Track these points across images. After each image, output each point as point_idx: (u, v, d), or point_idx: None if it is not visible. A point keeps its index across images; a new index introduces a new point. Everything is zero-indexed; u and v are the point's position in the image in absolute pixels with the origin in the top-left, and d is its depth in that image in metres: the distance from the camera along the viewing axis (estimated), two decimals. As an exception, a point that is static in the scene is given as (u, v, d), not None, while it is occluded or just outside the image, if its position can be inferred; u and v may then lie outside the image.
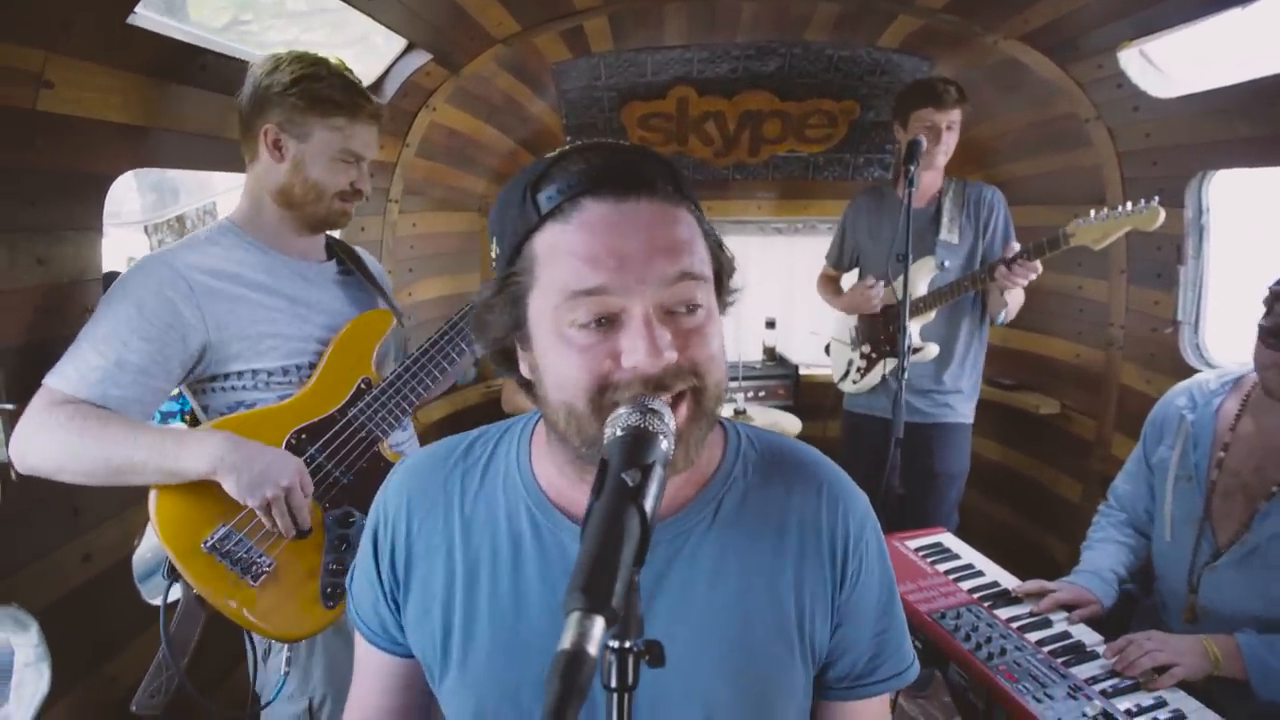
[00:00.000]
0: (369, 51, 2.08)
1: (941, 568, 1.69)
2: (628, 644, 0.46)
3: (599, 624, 0.42)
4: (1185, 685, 1.28)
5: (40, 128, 1.06)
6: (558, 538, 0.71)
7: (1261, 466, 1.41)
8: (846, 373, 2.47)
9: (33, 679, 1.20)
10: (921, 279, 2.22)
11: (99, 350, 1.08)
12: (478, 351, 1.45)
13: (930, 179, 2.24)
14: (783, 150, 2.98)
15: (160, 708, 1.14)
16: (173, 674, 1.12)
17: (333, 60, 1.29)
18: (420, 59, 2.07)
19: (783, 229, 3.28)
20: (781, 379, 3.08)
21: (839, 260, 2.50)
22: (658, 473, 0.52)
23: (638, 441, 0.54)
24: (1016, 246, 1.99)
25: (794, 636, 0.72)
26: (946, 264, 2.20)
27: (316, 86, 1.23)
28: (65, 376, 1.07)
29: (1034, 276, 1.97)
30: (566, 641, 0.41)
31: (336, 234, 1.51)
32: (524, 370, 0.70)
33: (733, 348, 3.43)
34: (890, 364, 2.31)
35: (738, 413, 2.46)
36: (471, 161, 2.80)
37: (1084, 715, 1.21)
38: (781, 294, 3.29)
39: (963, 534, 1.83)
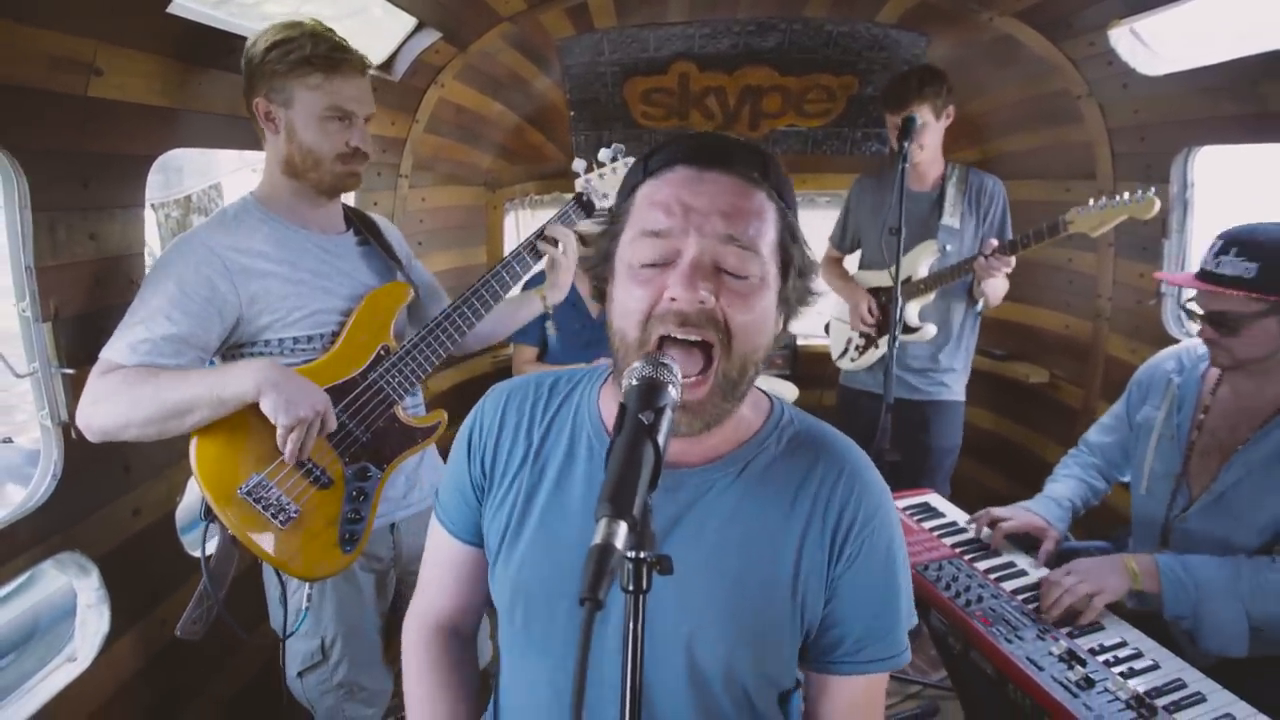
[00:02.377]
0: (369, 24, 2.14)
1: (927, 525, 1.80)
2: (642, 555, 0.57)
3: (623, 526, 0.53)
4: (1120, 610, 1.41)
5: (91, 112, 1.15)
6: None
7: (1235, 426, 1.51)
8: (845, 350, 2.56)
9: (95, 619, 1.32)
10: (923, 261, 2.29)
11: (146, 325, 1.18)
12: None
13: (933, 163, 2.29)
14: (783, 125, 3.03)
15: (200, 633, 1.28)
16: (212, 604, 1.25)
17: (308, 22, 1.30)
18: (429, 37, 2.12)
19: (782, 203, 3.34)
20: (780, 349, 3.17)
21: (841, 241, 2.57)
22: (667, 415, 0.62)
23: (651, 389, 0.64)
24: (994, 243, 2.07)
25: (787, 593, 0.80)
26: (948, 248, 2.27)
27: (289, 48, 1.25)
28: (117, 349, 1.17)
29: (1008, 270, 2.08)
30: (598, 538, 0.51)
31: (352, 203, 1.58)
32: (606, 305, 0.82)
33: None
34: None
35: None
36: (478, 137, 2.85)
37: (1050, 654, 1.32)
38: (781, 267, 3.37)
39: (955, 500, 1.92)
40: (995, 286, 2.21)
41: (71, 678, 1.25)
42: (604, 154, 1.74)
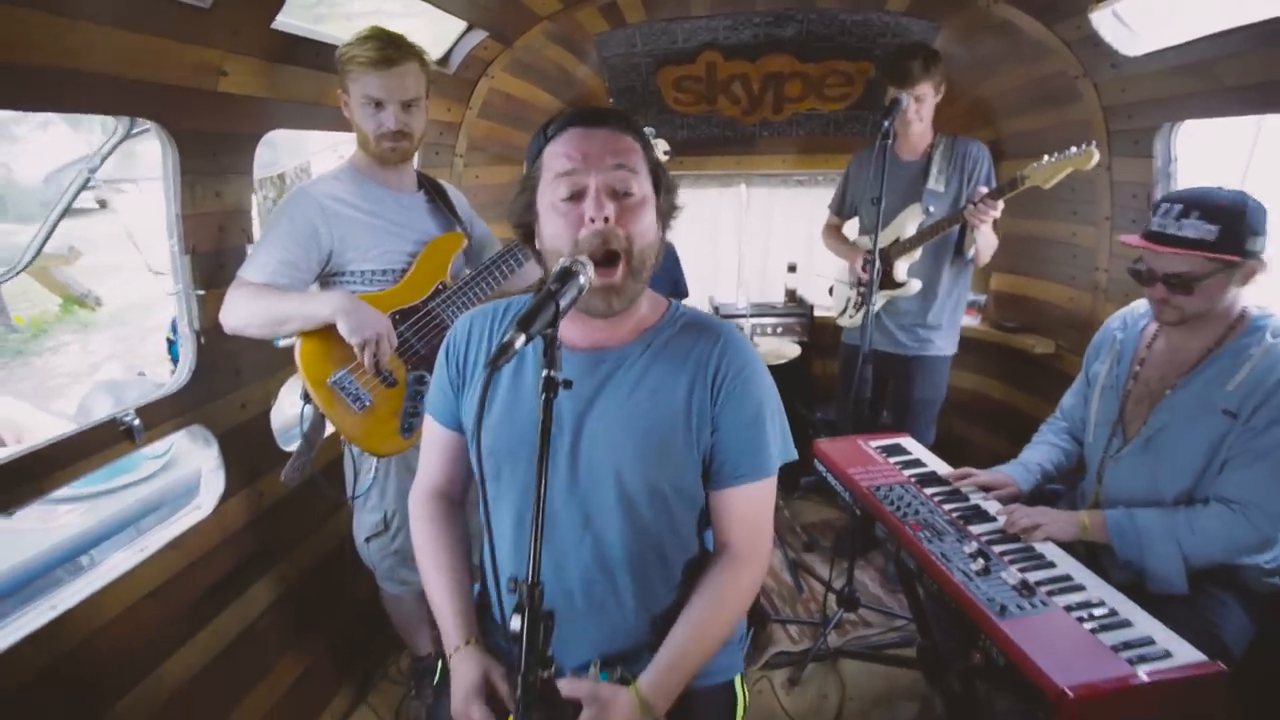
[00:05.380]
0: (440, 17, 2.49)
1: (892, 460, 2.04)
2: (552, 374, 0.90)
3: (522, 336, 0.85)
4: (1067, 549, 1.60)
5: (219, 103, 1.57)
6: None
7: (1165, 375, 1.67)
8: (845, 309, 2.79)
9: (214, 481, 1.78)
10: (910, 223, 2.50)
11: (268, 252, 1.60)
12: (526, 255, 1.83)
13: (921, 134, 2.49)
14: (804, 108, 3.26)
15: (297, 480, 1.72)
16: (306, 460, 1.69)
17: (372, 29, 1.62)
18: (478, 36, 2.49)
19: (805, 181, 3.57)
20: (799, 317, 3.41)
21: (840, 208, 2.80)
22: (571, 290, 0.93)
23: (565, 273, 0.96)
24: (983, 190, 2.25)
25: (684, 428, 1.12)
26: (931, 209, 2.47)
27: (348, 52, 1.62)
28: (249, 270, 1.61)
29: (995, 214, 2.24)
30: (507, 338, 0.84)
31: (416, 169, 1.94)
32: (536, 241, 1.14)
33: (758, 289, 3.78)
34: (881, 299, 2.62)
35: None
36: (526, 121, 3.21)
37: (962, 552, 1.57)
38: (803, 241, 3.60)
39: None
40: (985, 237, 2.38)
41: (197, 520, 1.71)
42: None
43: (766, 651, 2.48)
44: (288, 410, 2.20)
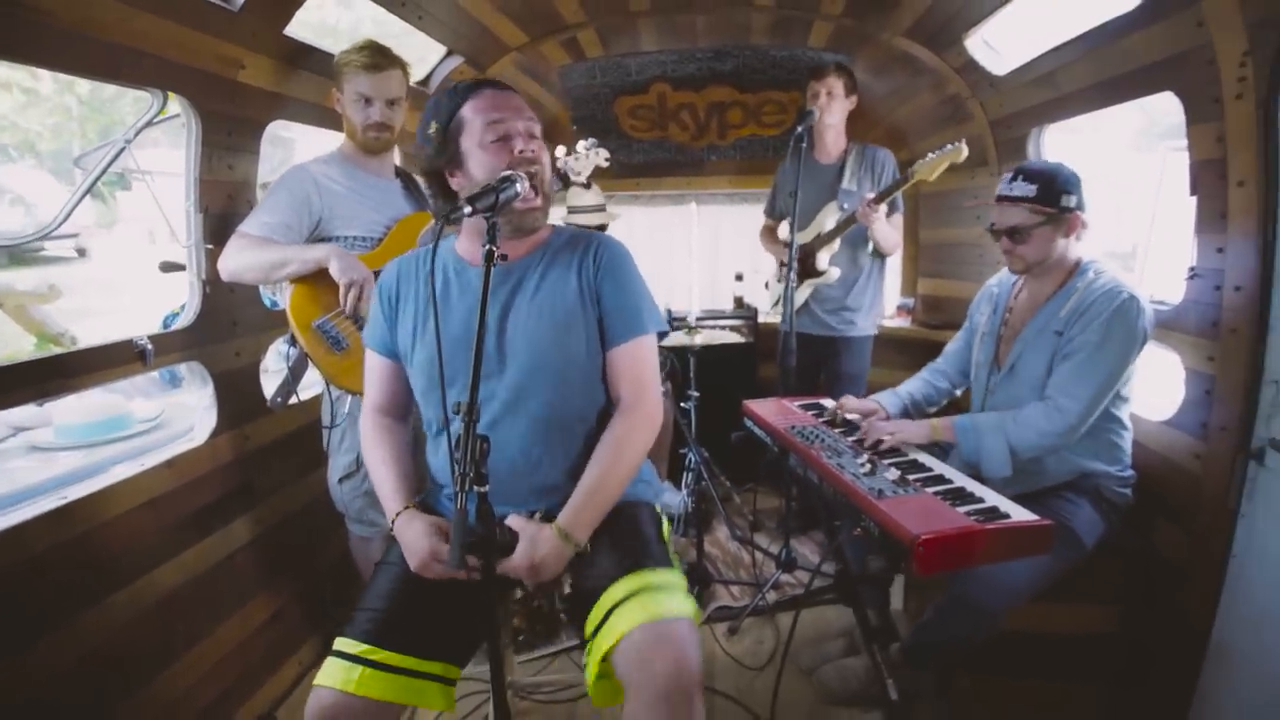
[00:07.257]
0: (422, 43, 2.86)
1: (809, 413, 2.33)
2: (490, 248, 1.20)
3: (469, 207, 1.16)
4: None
5: (237, 91, 1.90)
6: (465, 277, 1.47)
7: (1024, 317, 2.03)
8: (778, 300, 3.13)
9: (208, 417, 2.01)
10: (829, 219, 2.88)
11: (268, 214, 1.87)
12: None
13: (837, 140, 2.91)
14: (745, 134, 3.69)
15: (281, 407, 1.96)
16: (291, 389, 1.92)
17: (364, 40, 1.92)
18: (456, 61, 2.88)
19: (748, 199, 3.97)
20: (745, 319, 3.75)
21: (771, 210, 3.19)
22: (509, 191, 1.25)
23: (505, 179, 1.28)
24: (869, 195, 2.65)
25: (578, 304, 1.43)
26: (845, 206, 2.85)
27: (344, 58, 1.93)
28: (248, 225, 1.87)
29: (877, 213, 2.65)
30: (459, 204, 1.14)
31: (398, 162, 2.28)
32: (454, 185, 1.45)
33: (710, 296, 4.12)
34: (808, 289, 2.97)
35: (689, 329, 3.10)
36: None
37: (856, 463, 1.84)
38: (749, 252, 3.96)
39: None
40: (880, 232, 2.76)
41: (188, 448, 1.93)
42: (581, 145, 2.43)
43: (709, 606, 2.69)
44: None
